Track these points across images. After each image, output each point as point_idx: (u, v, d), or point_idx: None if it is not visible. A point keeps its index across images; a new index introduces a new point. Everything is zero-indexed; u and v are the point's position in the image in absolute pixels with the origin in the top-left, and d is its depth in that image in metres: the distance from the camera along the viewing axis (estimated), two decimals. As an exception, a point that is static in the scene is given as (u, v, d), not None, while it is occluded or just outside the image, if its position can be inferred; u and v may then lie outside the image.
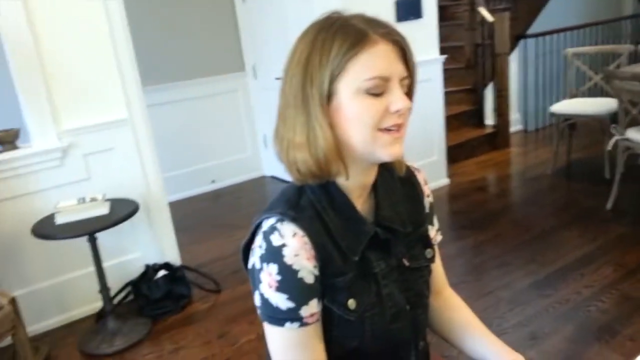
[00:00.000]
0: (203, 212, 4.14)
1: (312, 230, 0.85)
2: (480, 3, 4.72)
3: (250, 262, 0.88)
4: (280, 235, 0.83)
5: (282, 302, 0.84)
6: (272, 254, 0.83)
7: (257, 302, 0.87)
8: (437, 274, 1.09)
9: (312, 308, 0.85)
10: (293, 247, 0.83)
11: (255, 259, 0.86)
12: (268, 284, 0.84)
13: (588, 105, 3.86)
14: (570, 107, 3.95)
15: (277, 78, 3.93)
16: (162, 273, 2.76)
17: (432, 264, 1.03)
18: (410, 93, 0.88)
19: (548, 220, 3.30)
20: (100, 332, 2.52)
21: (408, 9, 3.50)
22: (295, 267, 0.83)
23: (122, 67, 2.70)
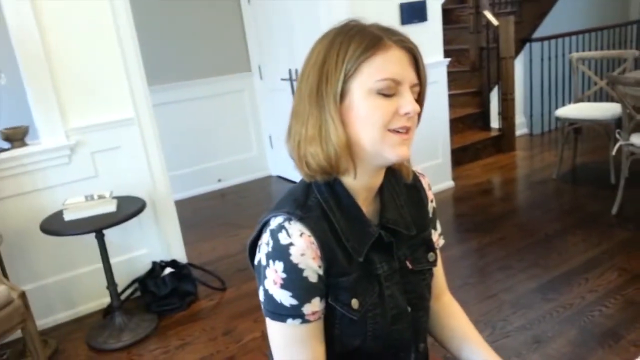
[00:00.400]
0: (209, 210, 4.16)
1: (318, 231, 0.87)
2: (485, 7, 4.73)
3: (257, 258, 0.90)
4: (288, 234, 0.85)
5: (285, 299, 0.86)
6: (278, 252, 0.85)
7: (261, 297, 0.89)
8: (437, 279, 1.11)
9: (314, 306, 0.87)
10: (300, 246, 0.85)
11: (262, 256, 0.88)
12: (273, 281, 0.86)
13: (593, 110, 3.85)
14: (576, 111, 3.94)
15: (282, 79, 3.95)
16: (168, 270, 2.79)
17: (434, 268, 1.05)
18: (420, 100, 0.91)
19: (553, 224, 3.30)
20: (108, 327, 2.54)
21: (413, 12, 3.51)
22: (301, 266, 0.85)
23: (128, 66, 2.73)
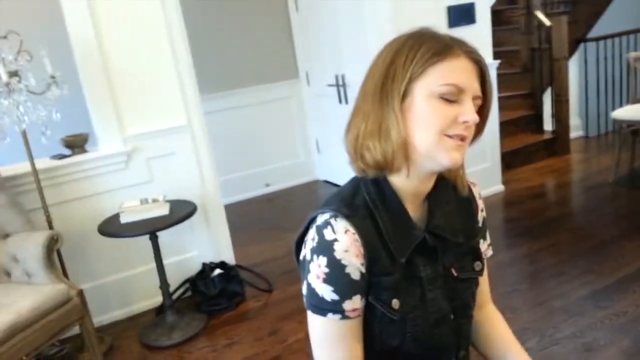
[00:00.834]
0: (257, 214, 4.25)
1: (363, 229, 0.89)
2: (537, 7, 4.61)
3: (302, 253, 0.93)
4: (333, 231, 0.87)
5: (327, 293, 0.88)
6: (323, 247, 0.87)
7: (304, 291, 0.92)
8: (482, 288, 1.10)
9: (355, 303, 0.89)
10: (344, 243, 0.87)
11: (307, 251, 0.90)
12: (316, 275, 0.88)
13: (652, 111, 3.70)
14: (633, 112, 3.78)
15: (329, 85, 4.00)
16: (217, 271, 2.87)
17: (479, 277, 1.04)
18: (482, 115, 0.90)
19: (608, 230, 3.17)
20: (160, 325, 2.65)
21: (461, 15, 3.45)
22: (344, 262, 0.87)
23: (181, 76, 2.85)
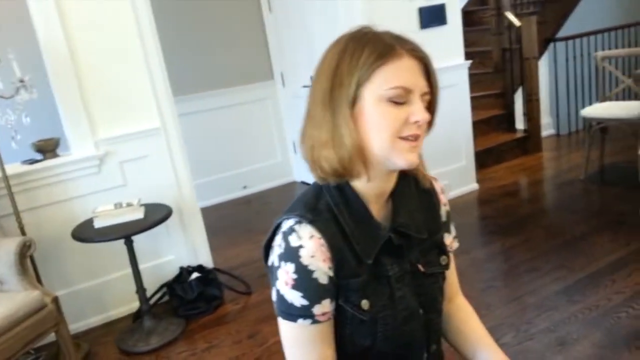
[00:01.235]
0: (235, 216, 4.22)
1: (328, 233, 0.89)
2: (507, 7, 4.70)
3: (270, 259, 0.94)
4: (298, 237, 0.88)
5: (296, 299, 0.89)
6: (289, 254, 0.88)
7: (273, 297, 0.93)
8: (450, 281, 1.12)
9: (324, 307, 0.90)
10: (310, 248, 0.87)
11: (274, 257, 0.91)
12: (285, 282, 0.89)
13: (620, 109, 3.78)
14: (602, 110, 3.88)
15: (304, 86, 4.00)
16: (195, 275, 2.85)
17: (446, 271, 1.06)
18: (431, 109, 0.92)
19: (579, 226, 3.25)
20: (137, 331, 2.62)
21: (432, 16, 3.51)
22: (311, 267, 0.87)
23: (154, 78, 2.82)
